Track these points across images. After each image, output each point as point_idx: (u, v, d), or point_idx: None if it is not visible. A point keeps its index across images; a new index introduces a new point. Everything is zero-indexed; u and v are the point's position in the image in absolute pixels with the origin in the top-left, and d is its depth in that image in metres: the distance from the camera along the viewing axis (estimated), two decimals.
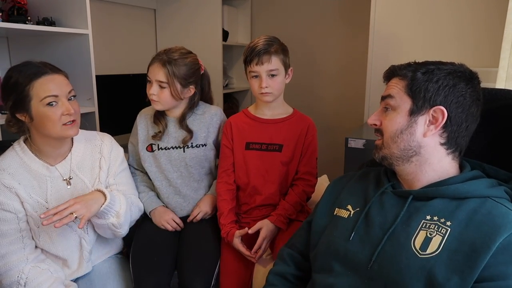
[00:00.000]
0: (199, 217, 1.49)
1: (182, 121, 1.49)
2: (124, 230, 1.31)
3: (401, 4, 2.30)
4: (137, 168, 1.57)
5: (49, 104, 1.15)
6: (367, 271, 0.86)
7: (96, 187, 1.23)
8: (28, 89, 1.14)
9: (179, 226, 1.49)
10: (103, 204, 1.18)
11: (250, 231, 1.37)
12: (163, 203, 1.52)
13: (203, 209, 1.50)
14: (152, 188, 1.54)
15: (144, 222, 1.48)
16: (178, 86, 1.40)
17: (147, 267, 1.31)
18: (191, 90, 1.46)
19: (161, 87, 1.39)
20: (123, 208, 1.27)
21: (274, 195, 1.47)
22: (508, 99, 0.98)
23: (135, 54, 2.85)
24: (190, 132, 1.49)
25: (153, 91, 1.40)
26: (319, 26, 3.15)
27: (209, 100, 1.60)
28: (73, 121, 1.20)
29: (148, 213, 1.48)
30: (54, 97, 1.16)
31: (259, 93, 1.40)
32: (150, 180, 1.55)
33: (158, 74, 1.38)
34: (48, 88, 1.15)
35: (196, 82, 1.47)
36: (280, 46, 1.39)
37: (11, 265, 1.17)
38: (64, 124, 1.18)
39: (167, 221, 1.46)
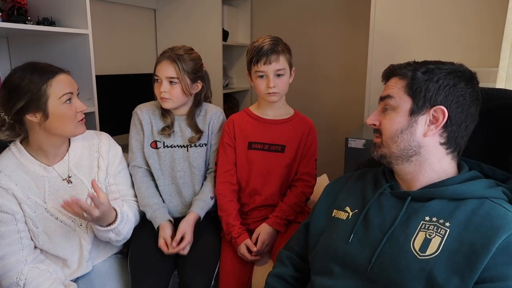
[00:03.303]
0: (186, 251, 1.37)
1: (191, 119, 1.49)
2: (120, 243, 1.34)
3: (402, 4, 2.30)
4: (141, 167, 1.50)
5: (67, 101, 1.18)
6: (366, 273, 0.85)
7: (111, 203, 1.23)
8: (45, 88, 1.15)
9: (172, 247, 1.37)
10: (111, 224, 1.22)
11: (256, 249, 1.37)
12: (166, 200, 1.50)
13: (190, 240, 1.38)
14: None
15: (143, 223, 1.47)
16: (188, 81, 1.41)
17: (145, 268, 1.31)
18: (199, 85, 1.48)
19: (172, 83, 1.40)
20: (126, 228, 1.29)
21: (274, 195, 1.47)
22: (506, 99, 0.98)
23: (135, 54, 2.85)
24: (198, 131, 1.49)
25: (164, 88, 1.40)
26: (319, 26, 3.15)
27: (207, 100, 1.60)
28: (83, 118, 1.24)
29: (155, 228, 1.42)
30: (70, 94, 1.19)
31: (265, 93, 1.39)
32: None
33: (167, 70, 1.39)
34: (64, 86, 1.18)
35: (202, 78, 1.48)
36: (284, 45, 1.39)
37: (10, 266, 1.17)
38: (79, 121, 1.23)
39: (161, 245, 1.36)
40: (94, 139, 1.36)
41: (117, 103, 2.37)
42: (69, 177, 1.28)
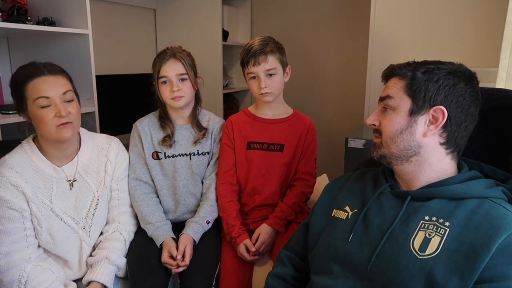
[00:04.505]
0: (179, 269, 1.31)
1: (194, 118, 1.49)
2: None
3: (401, 5, 2.30)
4: (139, 179, 1.45)
5: (42, 106, 1.15)
6: (366, 272, 0.85)
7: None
8: (24, 90, 1.15)
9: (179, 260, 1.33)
10: None
11: (254, 248, 1.36)
12: (164, 209, 1.49)
13: (191, 253, 1.35)
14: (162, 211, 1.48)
15: None
16: (193, 75, 1.44)
17: (143, 269, 1.31)
18: (199, 80, 1.49)
19: (182, 80, 1.41)
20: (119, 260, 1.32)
21: (273, 194, 1.47)
22: (506, 99, 0.98)
23: (135, 54, 2.86)
24: (202, 129, 1.49)
25: (176, 87, 1.39)
26: (319, 26, 3.15)
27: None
28: (67, 122, 1.18)
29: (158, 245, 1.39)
30: (46, 99, 1.15)
31: (259, 94, 1.40)
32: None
33: (176, 68, 1.40)
34: (40, 90, 1.15)
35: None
36: (275, 45, 1.39)
37: (13, 263, 1.17)
38: (58, 126, 1.17)
39: (167, 261, 1.31)
40: (104, 144, 1.37)
41: (117, 103, 2.38)
42: (74, 180, 1.28)
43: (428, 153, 0.88)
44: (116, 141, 1.41)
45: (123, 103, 2.42)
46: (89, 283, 1.24)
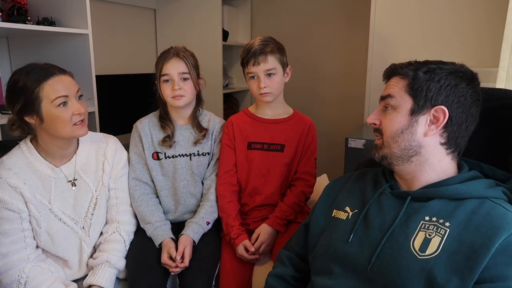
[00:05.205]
0: (177, 270, 1.31)
1: (194, 119, 1.49)
2: None
3: (401, 5, 2.30)
4: (139, 179, 1.46)
5: (60, 104, 1.15)
6: (366, 273, 0.85)
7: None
8: (38, 91, 1.13)
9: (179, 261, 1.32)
10: None
11: (253, 248, 1.36)
12: (164, 209, 1.49)
13: (191, 254, 1.34)
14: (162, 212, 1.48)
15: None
16: (196, 75, 1.44)
17: (141, 268, 1.30)
18: (201, 81, 1.49)
19: (184, 79, 1.41)
20: (121, 262, 1.32)
21: (274, 194, 1.47)
22: (506, 99, 0.98)
23: (135, 54, 2.86)
24: (202, 129, 1.49)
25: (177, 86, 1.40)
26: (319, 26, 3.16)
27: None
28: (82, 120, 1.21)
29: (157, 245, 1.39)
30: (65, 98, 1.16)
31: (258, 94, 1.40)
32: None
33: (179, 67, 1.40)
34: (57, 89, 1.15)
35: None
36: (275, 45, 1.39)
37: (12, 264, 1.17)
38: (75, 124, 1.19)
39: (166, 262, 1.31)
40: (101, 143, 1.37)
41: (117, 103, 2.38)
42: (75, 179, 1.28)
43: (428, 153, 0.88)
44: (114, 140, 1.41)
45: (123, 103, 2.42)
46: (89, 286, 1.24)
